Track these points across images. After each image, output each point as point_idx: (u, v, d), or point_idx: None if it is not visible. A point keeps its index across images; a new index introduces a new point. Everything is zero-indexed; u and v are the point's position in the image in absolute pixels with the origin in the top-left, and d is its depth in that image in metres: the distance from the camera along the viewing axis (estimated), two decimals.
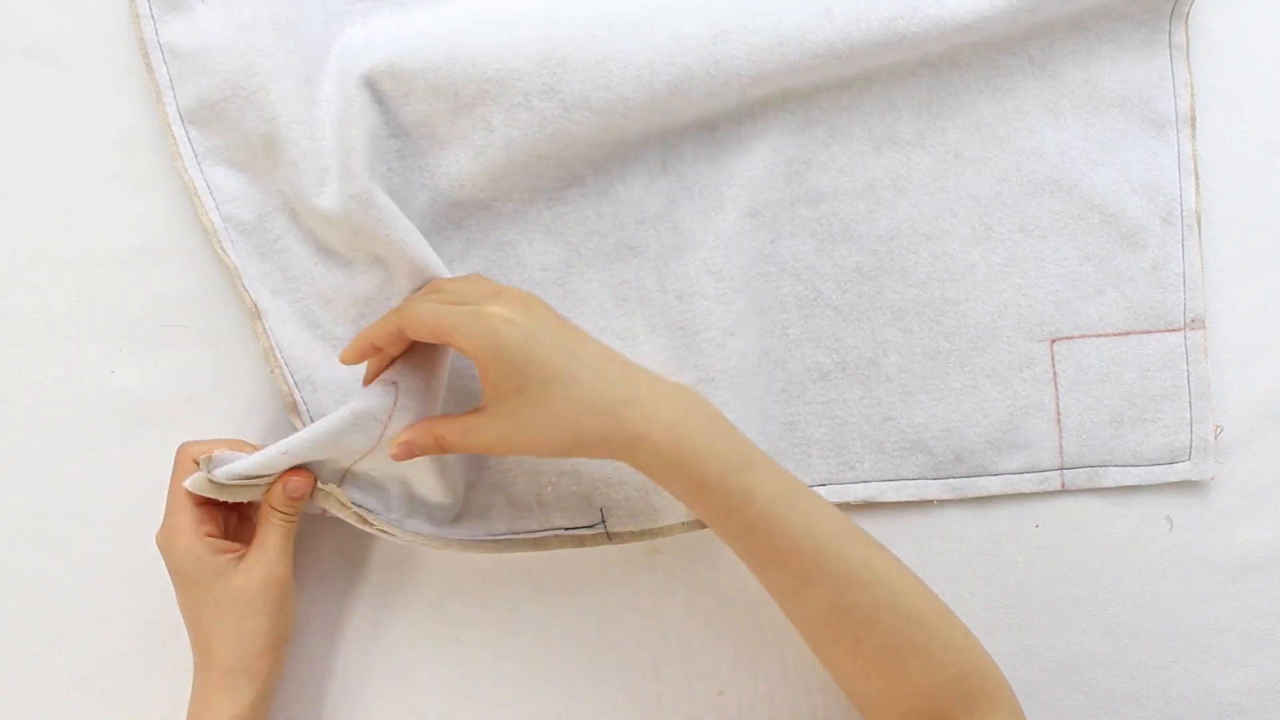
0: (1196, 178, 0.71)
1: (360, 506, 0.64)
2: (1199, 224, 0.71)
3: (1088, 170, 0.71)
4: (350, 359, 0.62)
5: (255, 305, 0.67)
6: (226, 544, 0.63)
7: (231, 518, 0.65)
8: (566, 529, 0.68)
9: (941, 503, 0.72)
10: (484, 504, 0.68)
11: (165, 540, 0.62)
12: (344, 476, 0.64)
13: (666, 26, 0.65)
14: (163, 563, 0.63)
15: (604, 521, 0.68)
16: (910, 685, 0.59)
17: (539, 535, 0.69)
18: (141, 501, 0.69)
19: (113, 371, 0.70)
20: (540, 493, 0.68)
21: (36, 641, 0.70)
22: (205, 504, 0.63)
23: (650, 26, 0.65)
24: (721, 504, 0.58)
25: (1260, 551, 0.72)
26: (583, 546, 0.69)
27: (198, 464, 0.61)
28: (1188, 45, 0.71)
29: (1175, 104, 0.71)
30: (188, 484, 0.61)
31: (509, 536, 0.68)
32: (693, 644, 0.71)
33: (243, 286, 0.67)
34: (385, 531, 0.65)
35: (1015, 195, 0.71)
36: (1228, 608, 0.71)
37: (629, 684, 0.71)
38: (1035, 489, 0.71)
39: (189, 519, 0.62)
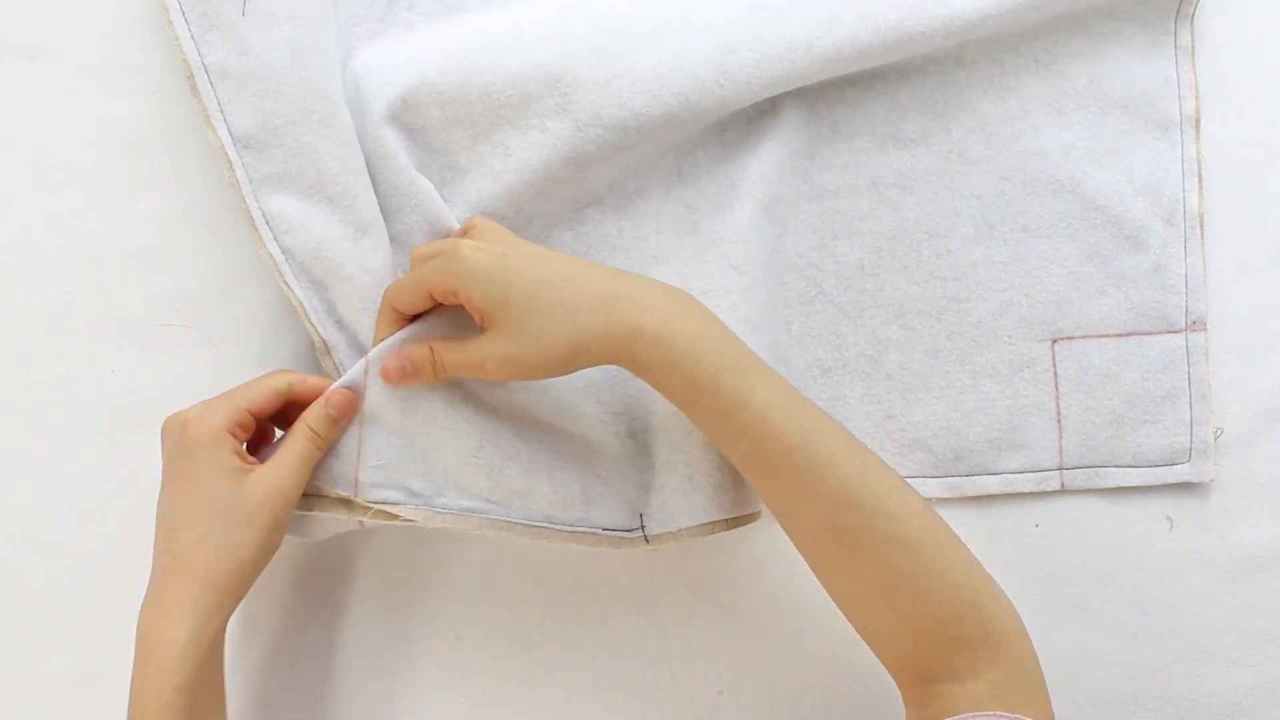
0: (1200, 180, 0.71)
1: (383, 503, 0.62)
2: (1201, 226, 0.71)
3: (1091, 171, 0.71)
4: (387, 331, 0.62)
5: (325, 341, 0.65)
6: (246, 455, 0.60)
7: (261, 445, 0.64)
8: (605, 530, 0.66)
9: (941, 502, 0.72)
10: (527, 486, 0.64)
11: (193, 415, 0.59)
12: (356, 483, 0.62)
13: (674, 42, 0.65)
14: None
15: (643, 527, 0.66)
16: (901, 621, 0.57)
17: (576, 530, 0.65)
18: (142, 501, 0.68)
19: (113, 371, 0.70)
20: (586, 486, 0.65)
21: (36, 641, 0.70)
22: (246, 415, 0.60)
23: (658, 42, 0.65)
24: (716, 405, 0.57)
25: (1260, 551, 0.72)
26: (617, 549, 0.66)
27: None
28: (1193, 47, 0.71)
29: (1180, 106, 0.71)
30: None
31: (545, 525, 0.65)
32: (693, 644, 0.71)
33: (310, 322, 0.64)
34: (414, 520, 0.63)
35: (1018, 194, 0.71)
36: (1228, 608, 0.72)
37: (629, 684, 0.71)
38: (1035, 489, 0.72)
39: (230, 409, 0.59)
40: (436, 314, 0.63)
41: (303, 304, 0.64)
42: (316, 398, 0.61)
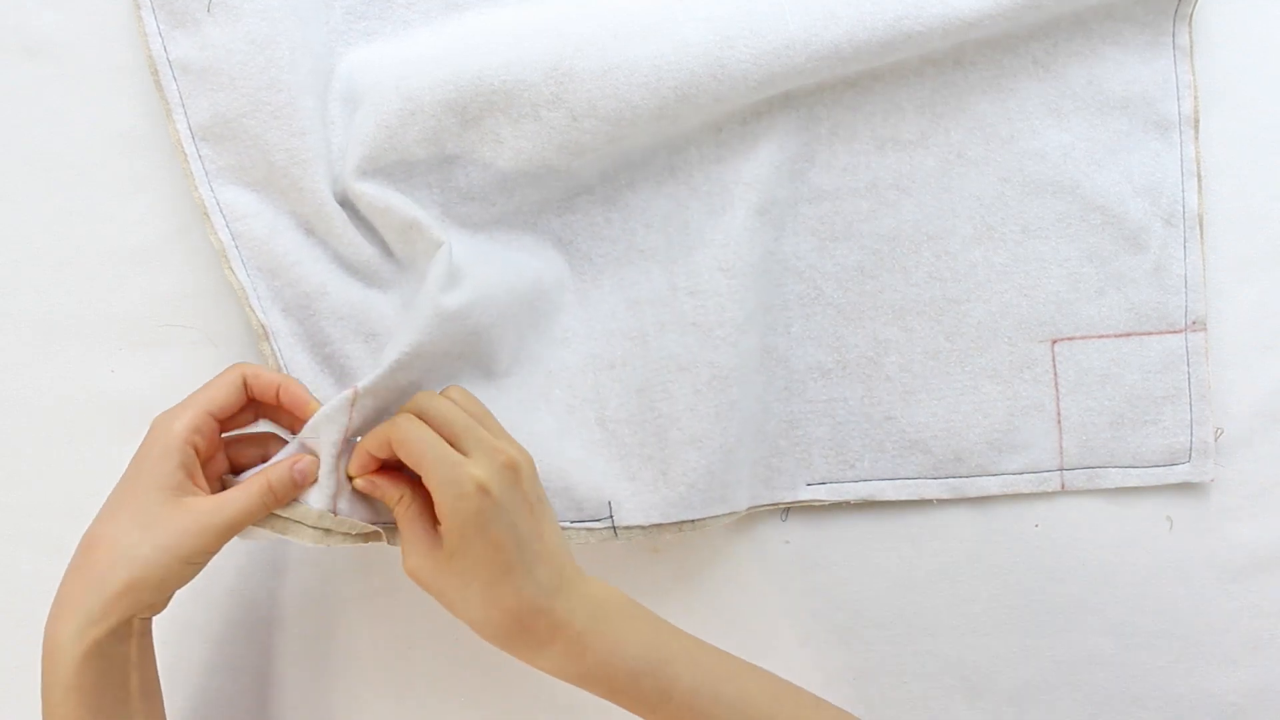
0: (1199, 180, 0.71)
1: (360, 520, 0.61)
2: (1201, 226, 0.71)
3: (1090, 171, 0.71)
4: (355, 471, 0.59)
5: (264, 326, 0.66)
6: (199, 475, 0.58)
7: (224, 469, 0.61)
8: (574, 521, 0.66)
9: (941, 502, 0.72)
10: None
11: (160, 421, 0.58)
12: (335, 510, 0.60)
13: (672, 35, 0.65)
14: None
15: (611, 516, 0.67)
16: None
17: None
18: None
19: (113, 371, 0.70)
20: (548, 478, 0.65)
21: (36, 641, 0.69)
22: (213, 419, 0.59)
23: (656, 35, 0.65)
24: (639, 703, 0.58)
25: (1260, 551, 0.72)
26: (586, 543, 0.67)
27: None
28: (1191, 47, 0.71)
29: (1179, 106, 0.71)
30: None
31: None
32: None
33: (249, 307, 0.66)
34: (388, 542, 0.62)
35: (1018, 196, 0.71)
36: (1228, 608, 0.72)
37: None
38: (1035, 490, 0.71)
39: (191, 416, 0.58)
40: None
41: (244, 289, 0.66)
42: (271, 391, 0.60)
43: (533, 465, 0.59)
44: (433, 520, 0.58)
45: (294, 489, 0.58)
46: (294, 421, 0.62)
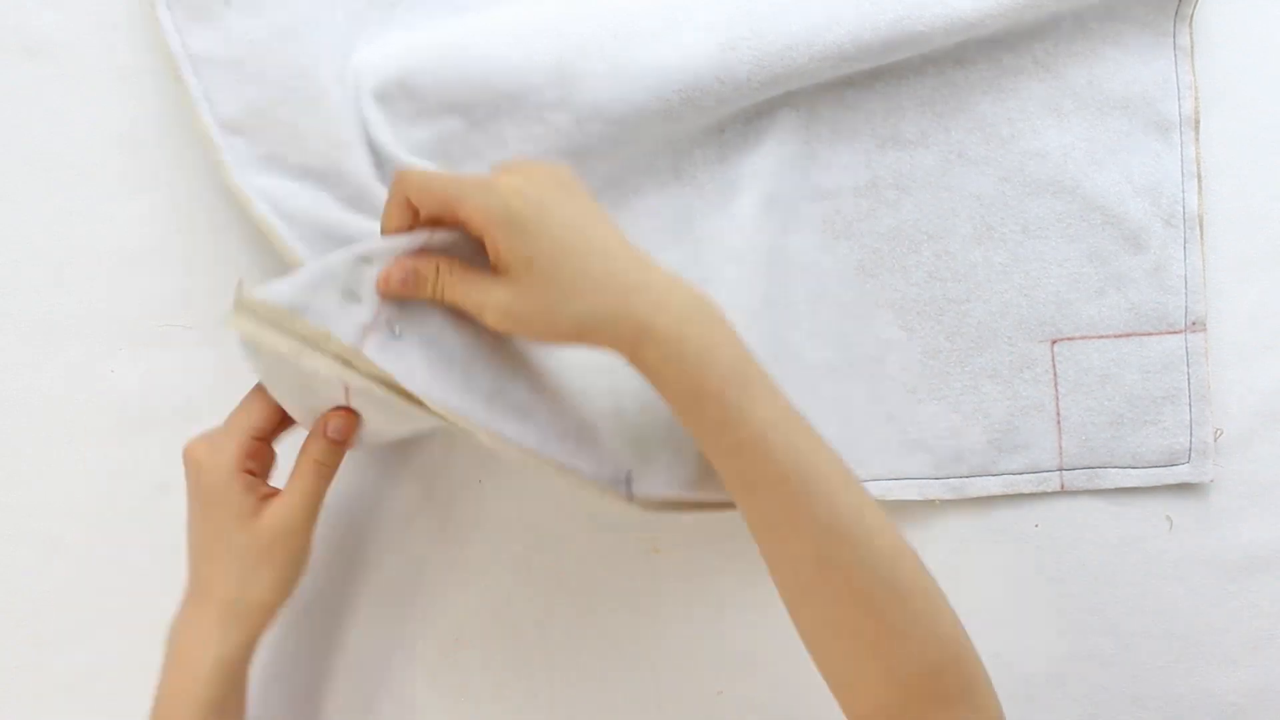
0: (1199, 180, 0.71)
1: (394, 372, 0.57)
2: (1201, 226, 0.71)
3: (1090, 171, 0.71)
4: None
5: None
6: (263, 486, 0.61)
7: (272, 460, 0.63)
8: (593, 476, 0.63)
9: (942, 502, 0.72)
10: (528, 405, 0.61)
11: (205, 457, 0.59)
12: (365, 338, 0.57)
13: (676, 37, 0.65)
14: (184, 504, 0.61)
15: (628, 483, 0.64)
16: (883, 668, 0.54)
17: (566, 467, 0.62)
18: (142, 501, 0.69)
19: (113, 371, 0.70)
20: (581, 423, 0.63)
21: (36, 642, 0.70)
22: (259, 441, 0.61)
23: (659, 38, 0.65)
24: (716, 416, 0.54)
25: (1260, 551, 0.72)
26: (602, 496, 0.63)
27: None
28: (1192, 48, 0.71)
29: (1179, 106, 0.71)
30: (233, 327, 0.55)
31: (538, 451, 0.61)
32: (693, 644, 0.71)
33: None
34: (412, 398, 0.57)
35: (1018, 195, 0.71)
36: (1228, 608, 0.72)
37: (629, 684, 0.71)
38: (1035, 489, 0.71)
39: (237, 448, 0.59)
40: (452, 231, 0.58)
41: (293, 253, 0.64)
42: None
43: (569, 171, 0.57)
44: (483, 269, 0.56)
45: (338, 449, 0.60)
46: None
